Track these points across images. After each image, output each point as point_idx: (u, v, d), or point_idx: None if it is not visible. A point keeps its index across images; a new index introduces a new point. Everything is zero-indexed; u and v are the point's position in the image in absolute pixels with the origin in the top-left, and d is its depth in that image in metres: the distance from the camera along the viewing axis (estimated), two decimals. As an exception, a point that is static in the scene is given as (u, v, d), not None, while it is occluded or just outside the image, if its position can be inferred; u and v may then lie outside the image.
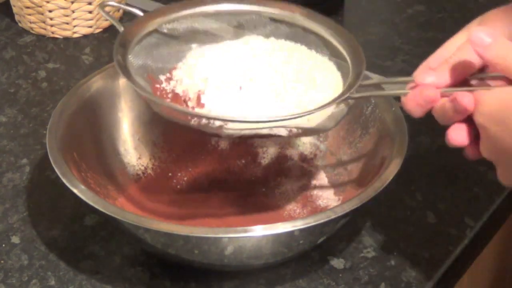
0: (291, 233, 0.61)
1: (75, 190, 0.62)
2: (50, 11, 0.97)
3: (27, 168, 0.78)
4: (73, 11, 0.97)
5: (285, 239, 0.62)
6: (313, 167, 0.77)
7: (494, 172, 0.57)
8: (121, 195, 0.73)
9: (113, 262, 0.68)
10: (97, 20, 0.99)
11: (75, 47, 0.98)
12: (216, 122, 0.62)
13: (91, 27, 1.00)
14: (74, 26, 0.99)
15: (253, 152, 0.78)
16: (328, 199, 0.74)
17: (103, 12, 0.73)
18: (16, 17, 1.02)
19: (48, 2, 0.96)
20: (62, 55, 0.96)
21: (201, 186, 0.76)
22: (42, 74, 0.93)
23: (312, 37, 0.71)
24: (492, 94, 0.55)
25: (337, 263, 0.68)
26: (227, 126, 0.62)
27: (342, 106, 0.65)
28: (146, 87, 0.65)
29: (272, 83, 0.66)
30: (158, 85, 0.67)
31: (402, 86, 0.61)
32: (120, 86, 0.75)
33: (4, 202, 0.74)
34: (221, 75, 0.66)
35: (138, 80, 0.65)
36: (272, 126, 0.63)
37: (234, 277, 0.67)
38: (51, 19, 0.98)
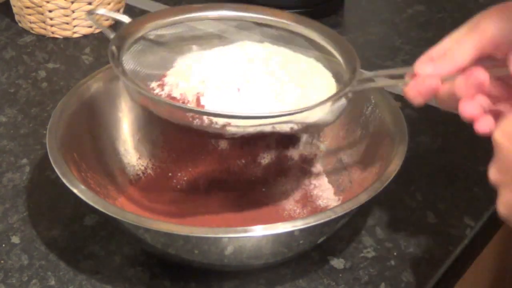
0: (291, 233, 0.61)
1: (75, 190, 0.62)
2: (50, 11, 0.97)
3: (27, 168, 0.78)
4: (73, 11, 0.97)
5: (285, 239, 0.62)
6: (313, 167, 0.77)
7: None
8: (121, 195, 0.73)
9: (113, 262, 0.68)
10: (97, 20, 0.99)
11: (75, 47, 0.98)
12: (220, 121, 0.62)
13: (91, 27, 1.00)
14: (74, 26, 0.99)
15: (253, 152, 0.78)
16: (328, 199, 0.74)
17: (92, 20, 0.73)
18: (16, 17, 1.02)
19: (48, 2, 0.96)
20: (62, 55, 0.96)
21: (201, 186, 0.76)
22: (42, 74, 0.93)
23: (299, 40, 0.71)
24: None
25: (337, 263, 0.68)
26: (231, 125, 0.62)
27: (342, 100, 0.65)
28: (148, 91, 0.65)
29: (270, 84, 0.66)
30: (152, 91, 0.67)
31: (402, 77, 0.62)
32: (120, 86, 0.75)
33: (4, 202, 0.74)
34: (219, 78, 0.66)
35: (139, 84, 0.65)
36: (275, 123, 0.63)
37: (234, 277, 0.67)
38: (51, 19, 0.98)
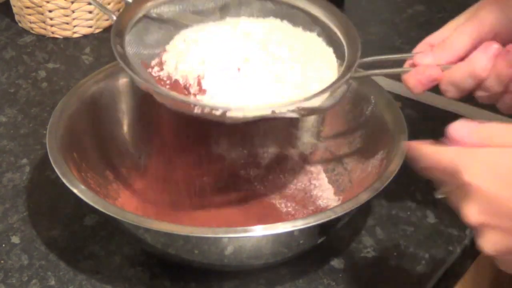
0: (291, 233, 0.60)
1: (75, 190, 0.62)
2: (50, 11, 0.97)
3: (27, 168, 0.78)
4: (73, 11, 0.97)
5: (285, 239, 0.62)
6: (313, 167, 0.77)
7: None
8: (121, 195, 0.73)
9: (113, 262, 0.68)
10: (97, 20, 0.99)
11: (75, 47, 0.98)
12: (217, 111, 0.62)
13: (91, 27, 1.00)
14: (74, 26, 0.99)
15: (253, 152, 0.78)
16: (328, 199, 0.74)
17: (95, 2, 0.73)
18: (16, 17, 1.02)
19: (48, 2, 0.96)
20: (62, 55, 0.96)
21: (201, 186, 0.76)
22: (42, 74, 0.93)
23: (300, 14, 0.71)
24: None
25: (337, 263, 0.68)
26: (230, 114, 0.62)
27: (343, 86, 0.65)
28: (150, 79, 0.65)
29: (270, 63, 0.66)
30: (151, 70, 0.67)
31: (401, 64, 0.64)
32: (120, 86, 0.75)
33: (4, 202, 0.74)
34: (217, 57, 0.65)
35: (140, 71, 0.64)
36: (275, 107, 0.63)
37: (234, 277, 0.67)
38: (51, 19, 0.98)
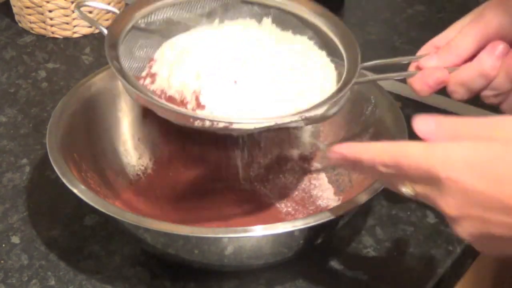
0: (291, 233, 0.60)
1: (75, 190, 0.62)
2: (50, 11, 0.97)
3: (27, 168, 0.78)
4: (73, 11, 0.97)
5: (285, 239, 0.62)
6: (313, 167, 0.77)
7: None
8: (121, 195, 0.73)
9: (113, 262, 0.68)
10: (97, 20, 0.99)
11: (75, 47, 0.98)
12: (220, 124, 0.61)
13: (91, 27, 1.00)
14: (74, 26, 0.99)
15: (253, 152, 0.78)
16: (328, 199, 0.74)
17: (80, 14, 0.69)
18: (16, 17, 1.02)
19: (48, 2, 0.96)
20: (62, 55, 0.96)
21: (201, 186, 0.76)
22: (42, 74, 0.93)
23: (293, 20, 0.70)
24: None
25: (337, 263, 0.68)
26: (233, 127, 0.62)
27: (346, 93, 0.65)
28: (150, 94, 0.64)
29: (267, 73, 0.65)
30: (143, 82, 0.66)
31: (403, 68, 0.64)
32: (120, 86, 0.75)
33: (4, 202, 0.74)
34: (212, 69, 0.64)
35: (139, 86, 0.64)
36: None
37: (234, 277, 0.67)
38: (51, 19, 0.98)
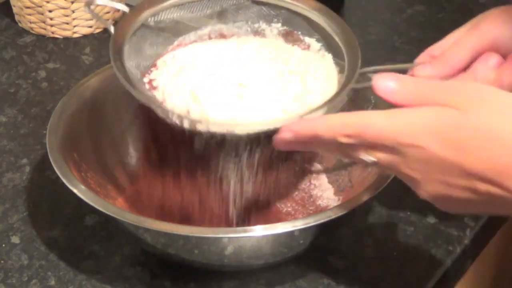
0: (291, 233, 0.60)
1: (75, 190, 0.62)
2: (50, 11, 0.97)
3: (27, 168, 0.78)
4: (73, 11, 0.97)
5: (285, 239, 0.62)
6: (313, 167, 0.77)
7: (499, 214, 0.57)
8: (121, 195, 0.73)
9: (113, 262, 0.68)
10: (97, 20, 0.99)
11: (75, 47, 0.98)
12: (221, 127, 0.61)
13: (91, 27, 1.00)
14: (74, 26, 0.99)
15: (253, 152, 0.77)
16: (328, 199, 0.74)
17: (90, 12, 0.70)
18: (16, 17, 1.02)
19: (48, 2, 0.96)
20: (62, 55, 0.96)
21: (202, 186, 0.75)
22: (42, 74, 0.93)
23: (299, 21, 0.70)
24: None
25: (337, 263, 0.68)
26: (233, 130, 0.61)
27: (343, 97, 0.65)
28: (152, 97, 0.64)
29: (267, 80, 0.65)
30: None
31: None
32: (120, 86, 0.75)
33: (4, 202, 0.74)
34: (212, 87, 0.64)
35: (142, 88, 0.64)
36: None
37: (234, 277, 0.67)
38: (51, 19, 0.98)
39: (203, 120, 0.61)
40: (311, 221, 0.60)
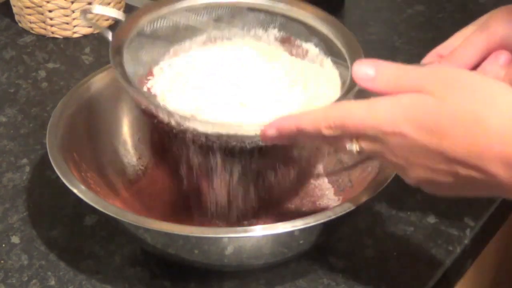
0: (291, 233, 0.60)
1: (75, 190, 0.62)
2: (50, 11, 0.97)
3: (27, 168, 0.78)
4: (73, 11, 0.97)
5: (285, 239, 0.62)
6: (313, 167, 0.77)
7: (481, 196, 0.57)
8: (121, 195, 0.73)
9: (113, 262, 0.68)
10: (97, 20, 0.99)
11: (75, 47, 0.98)
12: (222, 129, 0.61)
13: (91, 27, 1.00)
14: (74, 26, 0.99)
15: (253, 152, 0.77)
16: (328, 199, 0.74)
17: (86, 21, 0.71)
18: (16, 17, 1.02)
19: (48, 2, 0.96)
20: (62, 55, 0.96)
21: (202, 186, 0.75)
22: (42, 74, 0.93)
23: (299, 27, 0.70)
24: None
25: (337, 263, 0.68)
26: (234, 133, 0.61)
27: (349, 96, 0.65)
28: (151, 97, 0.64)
29: (269, 89, 0.65)
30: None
31: None
32: (121, 86, 0.75)
33: (4, 202, 0.74)
34: (212, 103, 0.64)
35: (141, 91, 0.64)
36: None
37: (234, 277, 0.67)
38: (51, 19, 0.98)
39: (205, 122, 0.61)
40: (311, 221, 0.60)
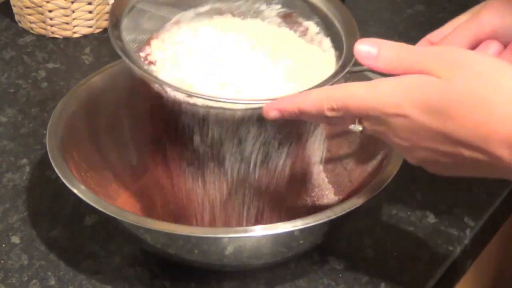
0: (291, 233, 0.60)
1: (75, 190, 0.62)
2: (50, 11, 0.97)
3: (27, 168, 0.78)
4: (73, 11, 0.97)
5: (285, 239, 0.62)
6: (313, 167, 0.77)
7: (484, 177, 0.57)
8: (121, 195, 0.73)
9: (113, 262, 0.68)
10: (97, 20, 0.99)
11: (75, 47, 0.98)
12: (216, 102, 0.60)
13: (91, 27, 1.00)
14: (74, 26, 0.99)
15: (253, 152, 0.77)
16: (328, 199, 0.74)
17: None
18: (16, 17, 1.02)
19: (48, 2, 0.96)
20: (62, 55, 0.96)
21: (202, 186, 0.75)
22: (42, 74, 0.93)
23: (299, 2, 0.70)
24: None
25: (337, 263, 0.68)
26: (227, 106, 0.61)
27: (341, 80, 0.64)
28: (149, 69, 0.64)
29: (264, 64, 0.65)
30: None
31: None
32: (120, 86, 0.75)
33: (4, 202, 0.74)
34: (211, 81, 0.64)
35: (140, 62, 0.63)
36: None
37: (234, 277, 0.67)
38: (51, 19, 0.98)
39: (198, 93, 0.60)
40: (311, 221, 0.60)
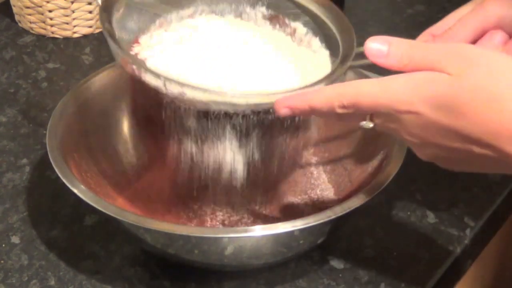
0: (291, 233, 0.60)
1: (75, 190, 0.62)
2: (50, 11, 0.97)
3: (27, 168, 0.78)
4: (73, 11, 0.97)
5: (285, 239, 0.62)
6: (313, 167, 0.77)
7: (495, 173, 0.57)
8: (121, 195, 0.73)
9: (113, 262, 0.68)
10: (97, 20, 0.99)
11: (75, 47, 0.98)
12: (213, 95, 0.60)
13: (91, 27, 1.00)
14: (74, 26, 0.99)
15: (253, 151, 0.78)
16: (328, 199, 0.74)
17: None
18: (16, 17, 1.02)
19: (48, 2, 0.96)
20: (62, 55, 0.96)
21: (202, 186, 0.75)
22: (42, 74, 0.93)
23: (289, 5, 0.70)
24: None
25: (337, 263, 0.68)
26: (225, 100, 0.60)
27: (341, 76, 0.64)
28: (142, 63, 0.63)
29: (260, 60, 0.65)
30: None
31: None
32: (120, 86, 0.75)
33: (4, 202, 0.74)
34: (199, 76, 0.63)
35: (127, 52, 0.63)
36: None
37: (234, 277, 0.67)
38: (51, 19, 0.98)
39: (194, 86, 0.60)
40: (311, 221, 0.60)
